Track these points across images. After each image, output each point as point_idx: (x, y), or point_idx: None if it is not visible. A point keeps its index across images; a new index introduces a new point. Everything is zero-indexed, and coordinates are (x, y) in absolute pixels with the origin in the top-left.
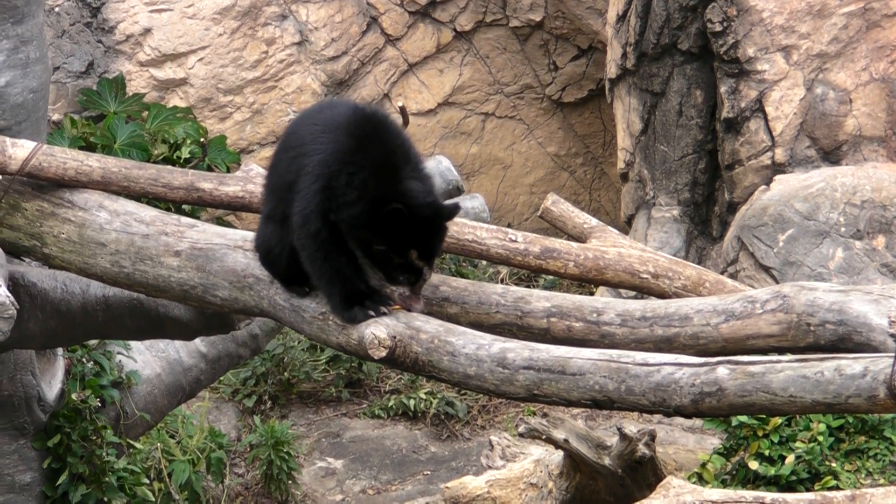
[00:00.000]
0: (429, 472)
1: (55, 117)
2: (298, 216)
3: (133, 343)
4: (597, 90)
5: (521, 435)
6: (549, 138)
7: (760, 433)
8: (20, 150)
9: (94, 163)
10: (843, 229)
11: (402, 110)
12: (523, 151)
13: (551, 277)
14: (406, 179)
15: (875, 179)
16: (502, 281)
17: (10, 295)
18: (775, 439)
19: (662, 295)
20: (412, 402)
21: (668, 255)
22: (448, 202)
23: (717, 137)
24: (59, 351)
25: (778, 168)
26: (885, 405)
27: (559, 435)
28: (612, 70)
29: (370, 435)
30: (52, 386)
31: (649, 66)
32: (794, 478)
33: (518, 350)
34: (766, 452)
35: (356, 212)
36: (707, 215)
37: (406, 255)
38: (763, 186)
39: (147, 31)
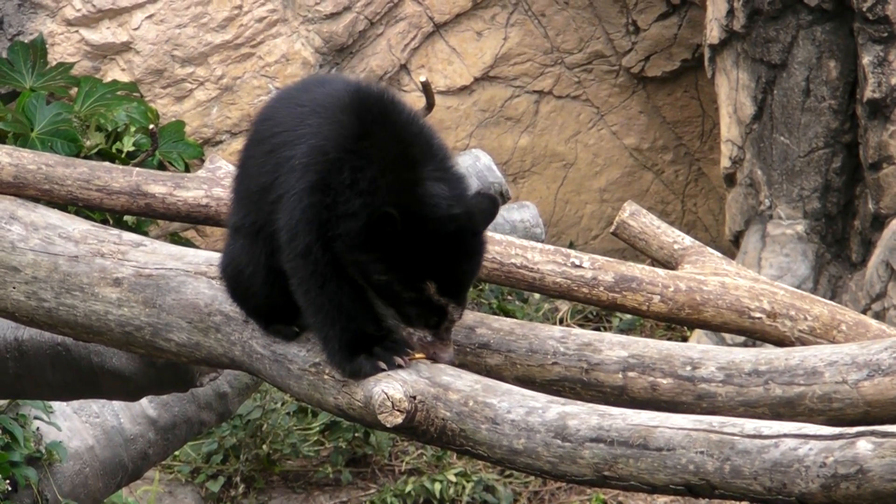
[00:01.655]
0: None
1: None
2: (285, 231)
3: (57, 405)
4: (693, 61)
5: None
6: (626, 126)
7: None
8: None
9: (3, 157)
10: None
11: (426, 87)
12: (591, 144)
13: (629, 317)
14: (427, 181)
15: None
16: (562, 322)
17: None
18: None
19: (782, 341)
20: (437, 486)
21: (790, 286)
22: (478, 196)
23: (859, 125)
24: None
25: None
26: None
27: None
28: (713, 33)
29: None
30: None
31: (765, 28)
32: None
33: (583, 416)
34: None
35: (356, 226)
36: (844, 232)
37: (419, 288)
38: None
39: None
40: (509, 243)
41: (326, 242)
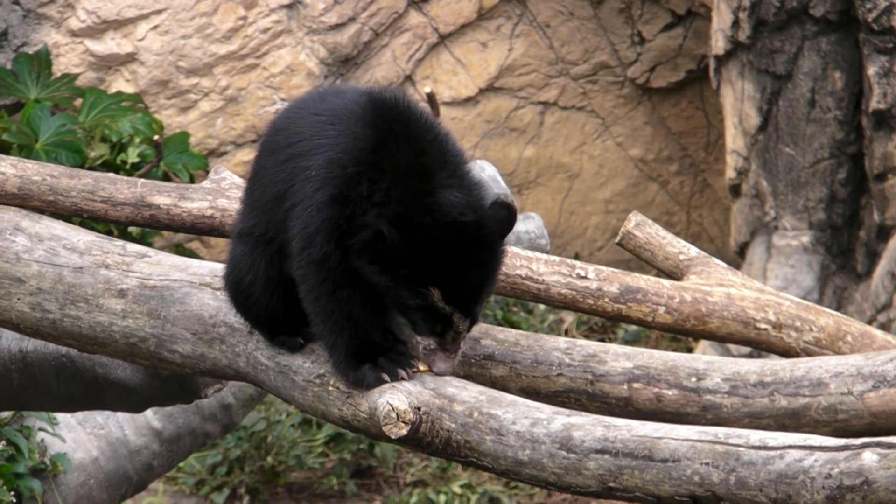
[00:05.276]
0: None
1: None
2: (299, 239)
3: (61, 416)
4: (698, 72)
5: None
6: (631, 137)
7: None
8: None
9: (7, 168)
10: None
11: (431, 98)
12: (596, 155)
13: (634, 328)
14: (439, 189)
15: None
16: (567, 333)
17: None
18: None
19: (787, 352)
20: (442, 497)
21: (796, 297)
22: (494, 205)
23: (864, 136)
24: None
25: None
26: None
27: None
28: (718, 44)
29: None
30: None
31: (770, 39)
32: None
33: (588, 427)
34: None
35: (367, 236)
36: (849, 244)
37: (423, 294)
38: None
39: None
40: (514, 255)
41: (344, 252)
